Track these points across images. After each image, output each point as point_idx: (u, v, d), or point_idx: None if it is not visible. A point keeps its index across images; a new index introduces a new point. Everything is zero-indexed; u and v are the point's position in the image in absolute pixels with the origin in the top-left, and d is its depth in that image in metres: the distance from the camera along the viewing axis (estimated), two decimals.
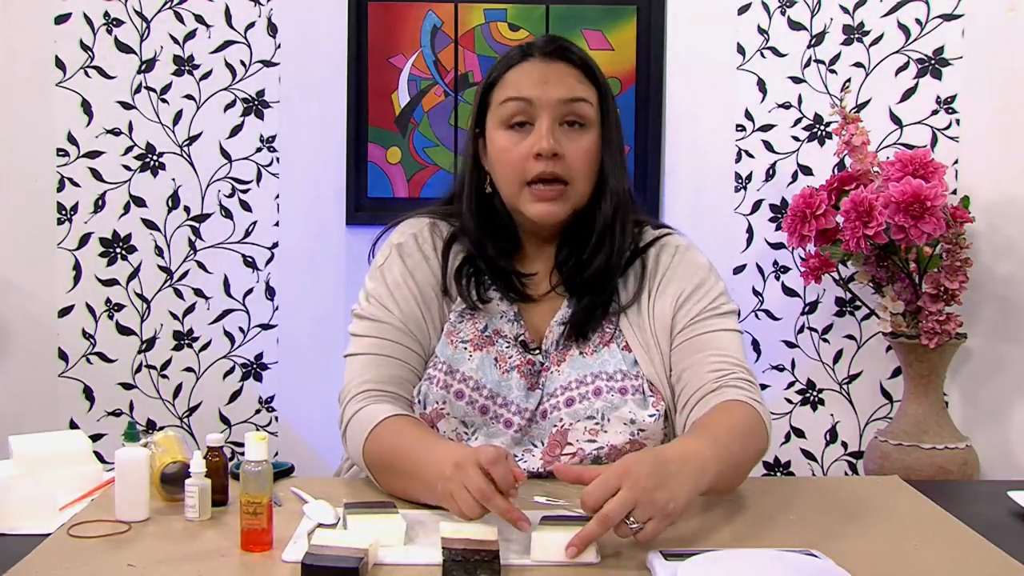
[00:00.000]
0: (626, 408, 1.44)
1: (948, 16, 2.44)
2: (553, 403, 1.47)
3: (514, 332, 1.51)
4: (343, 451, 1.57)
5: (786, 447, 2.55)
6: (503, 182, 1.50)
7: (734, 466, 1.32)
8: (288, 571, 1.13)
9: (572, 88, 1.46)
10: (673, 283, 1.51)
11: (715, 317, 1.49)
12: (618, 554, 1.17)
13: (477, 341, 1.49)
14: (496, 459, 1.17)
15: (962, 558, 1.18)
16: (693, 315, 1.49)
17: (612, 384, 1.45)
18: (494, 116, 1.50)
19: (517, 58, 1.49)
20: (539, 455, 1.47)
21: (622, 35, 2.52)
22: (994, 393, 2.46)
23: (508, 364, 1.49)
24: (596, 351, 1.49)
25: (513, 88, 1.47)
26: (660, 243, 1.55)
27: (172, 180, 2.53)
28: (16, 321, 2.53)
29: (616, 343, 1.49)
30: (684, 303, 1.50)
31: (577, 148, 1.46)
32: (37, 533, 1.25)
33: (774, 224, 2.52)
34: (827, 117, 2.48)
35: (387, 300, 1.51)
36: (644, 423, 1.44)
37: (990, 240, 2.42)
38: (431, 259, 1.53)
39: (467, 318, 1.51)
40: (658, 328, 1.50)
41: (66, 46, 2.50)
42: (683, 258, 1.54)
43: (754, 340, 2.54)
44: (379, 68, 2.52)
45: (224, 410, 2.57)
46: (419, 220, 1.58)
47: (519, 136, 1.47)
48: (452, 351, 1.48)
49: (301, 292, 2.55)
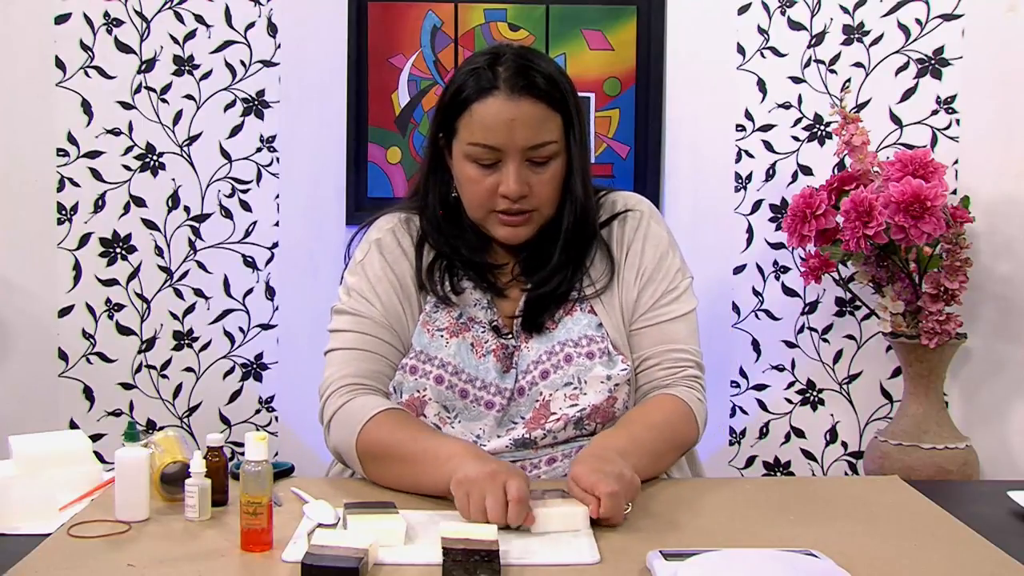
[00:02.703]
0: (598, 369, 1.51)
1: (948, 16, 2.44)
2: (529, 379, 1.52)
3: (488, 318, 1.57)
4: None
5: (786, 447, 2.55)
6: (469, 206, 1.56)
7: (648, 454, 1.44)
8: (288, 571, 1.13)
9: (537, 132, 1.49)
10: (636, 258, 1.59)
11: (673, 302, 1.59)
12: (618, 554, 1.17)
13: (453, 328, 1.55)
14: (523, 498, 1.22)
15: (962, 558, 1.18)
16: (655, 299, 1.58)
17: (579, 350, 1.52)
18: (460, 145, 1.52)
19: (486, 85, 1.49)
20: (522, 428, 1.52)
21: (622, 35, 2.52)
22: (994, 393, 2.46)
23: (484, 348, 1.54)
24: (559, 321, 1.56)
25: (480, 132, 1.49)
26: (622, 216, 1.62)
27: (172, 180, 2.53)
28: (16, 321, 2.53)
29: (580, 308, 1.56)
30: (647, 284, 1.59)
31: (541, 180, 1.51)
32: (37, 533, 1.25)
33: (774, 224, 2.52)
34: (827, 117, 2.48)
35: (368, 294, 1.56)
36: (617, 377, 1.52)
37: (990, 240, 2.42)
38: (408, 253, 1.59)
39: (442, 308, 1.56)
40: (625, 301, 1.58)
41: (66, 46, 2.50)
42: (646, 230, 1.61)
43: (754, 340, 2.54)
44: (379, 68, 2.52)
45: (224, 410, 2.57)
46: (393, 216, 1.64)
47: (487, 171, 1.51)
48: (429, 339, 1.53)
49: (301, 292, 2.54)
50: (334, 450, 1.52)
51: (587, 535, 1.22)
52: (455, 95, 1.52)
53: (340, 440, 1.48)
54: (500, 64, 1.50)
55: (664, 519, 1.32)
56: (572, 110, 1.54)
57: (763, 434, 2.55)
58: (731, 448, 2.55)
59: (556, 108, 1.51)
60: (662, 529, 1.28)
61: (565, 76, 1.55)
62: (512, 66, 1.49)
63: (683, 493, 1.45)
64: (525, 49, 1.56)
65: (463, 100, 1.50)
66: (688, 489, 1.48)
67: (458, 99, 1.51)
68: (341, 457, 1.51)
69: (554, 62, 1.58)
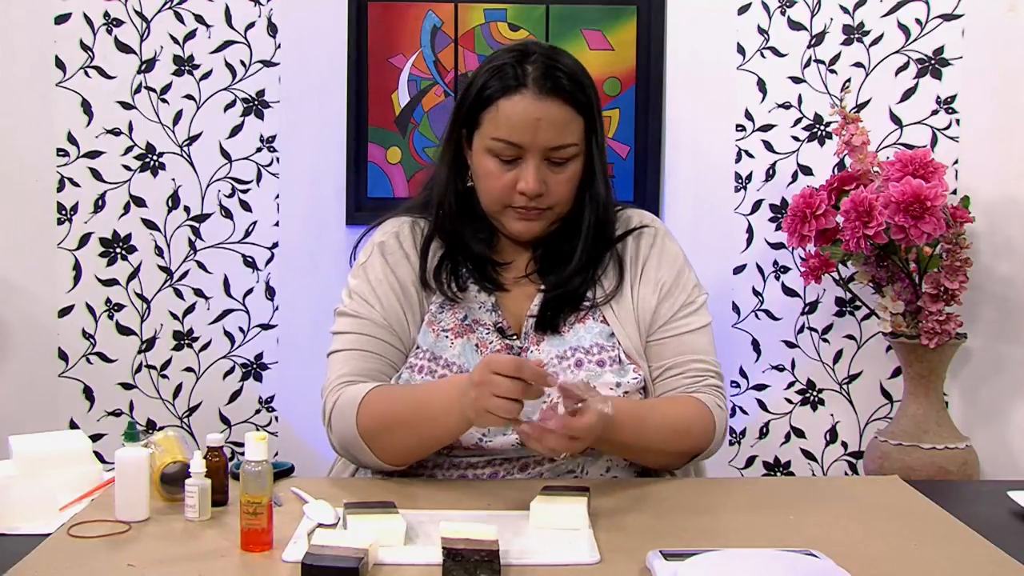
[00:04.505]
0: (608, 376, 1.52)
1: (948, 16, 2.44)
2: None
3: (492, 320, 1.57)
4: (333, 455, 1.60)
5: (786, 447, 2.55)
6: (485, 198, 1.57)
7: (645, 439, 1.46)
8: (288, 571, 1.13)
9: (560, 134, 1.50)
10: (654, 271, 1.60)
11: (692, 314, 1.60)
12: (618, 554, 1.17)
13: (458, 329, 1.56)
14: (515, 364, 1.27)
15: (962, 558, 1.18)
16: (675, 311, 1.59)
17: (590, 357, 1.53)
18: (483, 138, 1.53)
19: (512, 83, 1.50)
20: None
21: (622, 35, 2.52)
22: (994, 393, 2.46)
23: (489, 349, 1.55)
24: (572, 328, 1.56)
25: (505, 129, 1.50)
26: (638, 232, 1.63)
27: (172, 180, 2.53)
28: (16, 321, 2.52)
29: (593, 317, 1.57)
30: (666, 297, 1.59)
31: (560, 180, 1.53)
32: (37, 533, 1.25)
33: (774, 224, 2.52)
34: (827, 117, 2.48)
35: (369, 296, 1.57)
36: (628, 385, 1.52)
37: (990, 240, 2.42)
38: (411, 256, 1.60)
39: (447, 308, 1.57)
40: (641, 312, 1.58)
41: (66, 46, 2.50)
42: (662, 247, 1.63)
43: (754, 340, 2.54)
44: (379, 68, 2.52)
45: (224, 410, 2.57)
46: (400, 219, 1.66)
47: (506, 167, 1.52)
48: (434, 339, 1.54)
49: (301, 292, 2.54)
50: (340, 445, 1.52)
51: (587, 535, 1.22)
52: (482, 89, 1.53)
53: (342, 432, 1.48)
54: (528, 62, 1.51)
55: (664, 519, 1.32)
56: (596, 114, 1.55)
57: (763, 434, 2.55)
58: (731, 448, 2.55)
59: (580, 111, 1.52)
60: (662, 529, 1.28)
61: (589, 79, 1.56)
62: (541, 66, 1.51)
63: (683, 493, 1.45)
64: (553, 49, 1.57)
65: (490, 95, 1.52)
66: (688, 489, 1.49)
67: (484, 93, 1.52)
68: (348, 450, 1.51)
69: (579, 64, 1.57)
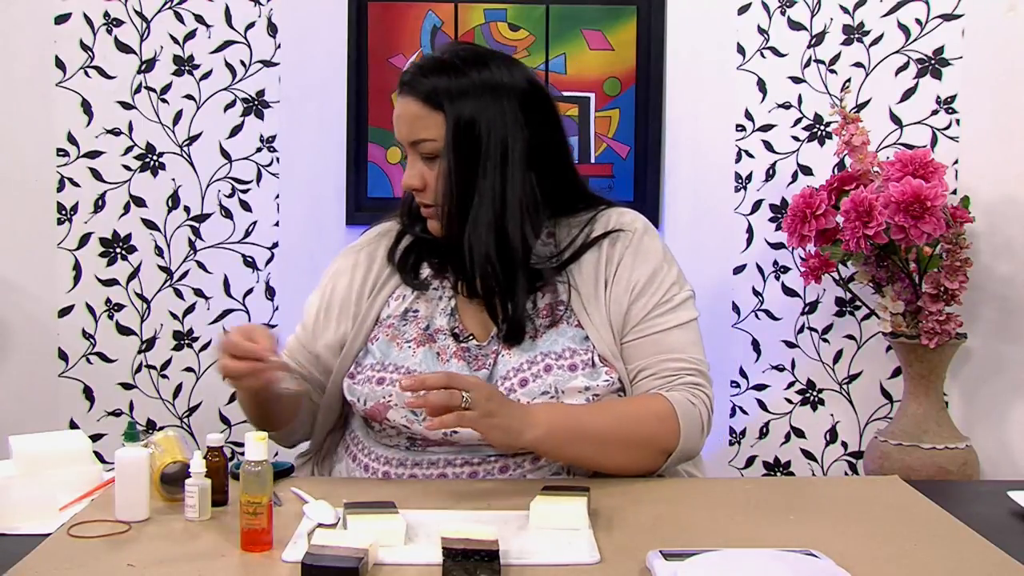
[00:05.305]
0: (578, 380, 1.50)
1: (948, 16, 2.44)
2: (508, 385, 1.50)
3: (450, 326, 1.57)
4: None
5: (786, 447, 2.55)
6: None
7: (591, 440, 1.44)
8: (288, 571, 1.13)
9: (413, 129, 1.52)
10: (627, 272, 1.57)
11: (668, 312, 1.56)
12: (618, 554, 1.17)
13: (420, 339, 1.56)
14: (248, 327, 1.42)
15: (962, 558, 1.18)
16: (648, 310, 1.56)
17: (561, 362, 1.51)
18: None
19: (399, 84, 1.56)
20: None
21: (622, 35, 2.52)
22: (994, 393, 2.46)
23: (448, 354, 1.55)
24: (544, 333, 1.54)
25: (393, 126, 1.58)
26: (615, 234, 1.60)
27: (172, 180, 2.53)
28: (16, 321, 2.53)
29: (567, 321, 1.56)
30: (639, 297, 1.56)
31: (434, 176, 1.54)
32: (37, 533, 1.25)
33: (774, 224, 2.52)
34: (827, 117, 2.48)
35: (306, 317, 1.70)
36: (598, 388, 1.50)
37: (990, 240, 2.42)
38: (376, 260, 1.66)
39: (410, 320, 1.59)
40: (613, 315, 1.56)
41: (66, 46, 2.50)
42: (638, 247, 1.59)
43: (754, 340, 2.54)
44: (379, 68, 2.52)
45: (224, 410, 2.57)
46: (377, 227, 1.72)
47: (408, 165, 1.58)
48: (398, 352, 1.56)
49: (301, 292, 2.50)
50: None
51: (587, 535, 1.22)
52: None
53: None
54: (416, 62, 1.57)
55: (664, 519, 1.32)
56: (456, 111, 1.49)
57: (763, 434, 2.55)
58: (731, 448, 2.55)
59: (437, 108, 1.51)
60: (662, 529, 1.28)
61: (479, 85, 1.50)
62: (414, 65, 1.55)
63: (683, 493, 1.45)
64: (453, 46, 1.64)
65: None
66: (688, 489, 1.48)
67: None
68: None
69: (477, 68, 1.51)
